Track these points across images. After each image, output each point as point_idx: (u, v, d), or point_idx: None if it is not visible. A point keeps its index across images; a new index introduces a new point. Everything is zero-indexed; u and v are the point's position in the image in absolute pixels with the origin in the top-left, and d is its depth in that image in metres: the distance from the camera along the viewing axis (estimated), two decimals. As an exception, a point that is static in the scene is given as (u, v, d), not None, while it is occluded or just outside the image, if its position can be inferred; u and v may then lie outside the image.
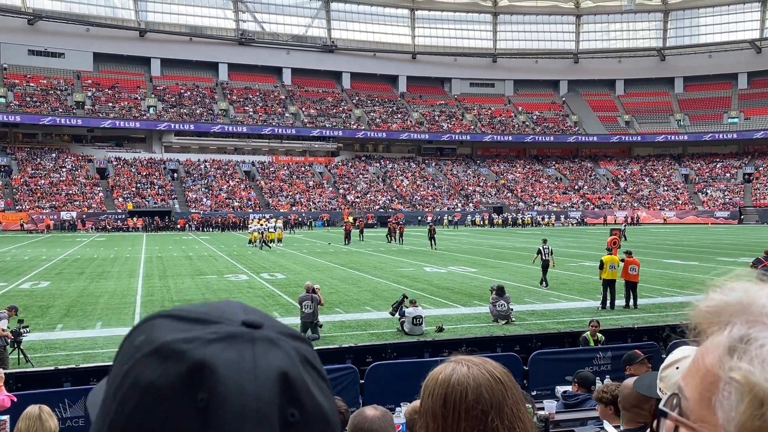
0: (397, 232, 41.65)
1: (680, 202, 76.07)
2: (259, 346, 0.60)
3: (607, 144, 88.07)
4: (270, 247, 36.04)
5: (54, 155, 69.11)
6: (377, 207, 69.43)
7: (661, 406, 0.64)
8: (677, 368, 1.96)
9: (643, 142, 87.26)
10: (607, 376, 8.25)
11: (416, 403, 3.75)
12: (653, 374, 2.19)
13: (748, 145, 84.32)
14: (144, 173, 69.06)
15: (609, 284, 16.73)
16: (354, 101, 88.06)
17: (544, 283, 20.10)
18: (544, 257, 20.14)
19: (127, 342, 0.63)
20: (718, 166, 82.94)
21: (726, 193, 76.11)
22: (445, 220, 65.40)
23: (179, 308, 0.65)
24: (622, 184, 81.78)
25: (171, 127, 73.59)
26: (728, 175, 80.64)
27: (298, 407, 0.59)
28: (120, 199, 62.70)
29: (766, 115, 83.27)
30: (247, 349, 0.59)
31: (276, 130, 77.92)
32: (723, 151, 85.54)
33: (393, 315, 14.35)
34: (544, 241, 20.82)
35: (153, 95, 77.96)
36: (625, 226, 48.27)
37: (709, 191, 77.58)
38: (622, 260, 17.08)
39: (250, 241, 39.17)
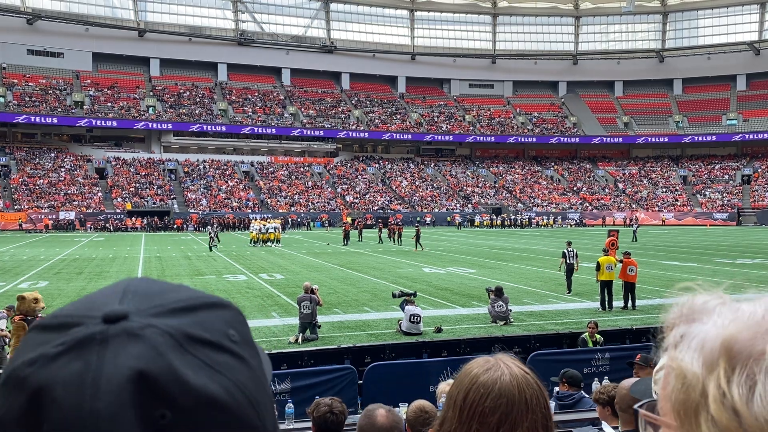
0: (396, 233, 41.70)
1: (679, 203, 76.14)
2: (112, 347, 0.53)
3: (606, 145, 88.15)
4: (216, 246, 35.59)
5: (53, 155, 69.09)
6: (376, 208, 69.47)
7: (636, 406, 0.74)
8: None
9: (641, 144, 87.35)
10: (606, 377, 8.26)
11: (419, 402, 3.76)
12: (648, 379, 2.21)
13: (746, 147, 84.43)
14: (143, 173, 69.05)
15: (606, 285, 16.75)
16: (353, 102, 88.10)
17: (568, 289, 18.98)
18: (569, 261, 18.80)
19: None
20: (716, 167, 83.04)
21: (724, 195, 76.21)
22: (457, 221, 65.56)
23: (52, 314, 0.59)
24: (621, 186, 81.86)
25: (170, 127, 73.60)
26: (727, 176, 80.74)
27: (169, 405, 0.52)
28: (119, 199, 62.69)
29: (765, 117, 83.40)
30: (96, 355, 0.52)
31: (275, 130, 77.94)
32: (721, 153, 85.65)
33: (394, 297, 14.32)
34: (569, 244, 19.45)
35: (152, 95, 77.95)
36: (636, 227, 47.94)
37: (707, 193, 77.67)
38: (621, 261, 17.09)
39: (251, 241, 39.38)
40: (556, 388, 6.90)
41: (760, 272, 23.44)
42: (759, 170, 79.51)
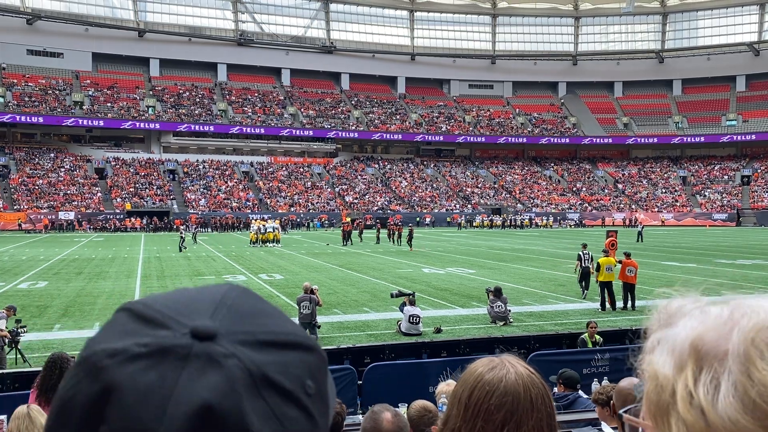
0: (396, 233, 41.70)
1: (678, 204, 76.14)
2: (191, 367, 0.51)
3: (606, 146, 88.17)
4: (187, 243, 36.31)
5: (52, 155, 69.06)
6: (376, 208, 69.46)
7: (621, 411, 0.78)
8: None
9: (641, 144, 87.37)
10: (605, 377, 8.25)
11: (422, 402, 3.75)
12: None
13: (746, 148, 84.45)
14: (142, 173, 69.03)
15: (606, 286, 16.74)
16: (353, 102, 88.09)
17: (584, 293, 18.24)
18: (584, 264, 18.09)
19: None
20: (716, 168, 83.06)
21: (724, 196, 76.22)
22: (458, 221, 65.48)
23: (147, 300, 0.58)
24: (621, 186, 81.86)
25: (169, 128, 73.59)
26: (726, 177, 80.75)
27: None
28: (118, 200, 62.68)
29: (764, 118, 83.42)
30: (172, 371, 0.51)
31: (274, 130, 77.94)
32: (721, 154, 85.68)
33: (392, 297, 14.34)
34: (584, 246, 18.50)
35: (152, 95, 77.94)
36: (642, 227, 47.88)
37: (707, 193, 77.67)
38: (620, 262, 17.07)
39: (251, 242, 39.40)
40: (555, 389, 6.89)
41: (759, 273, 23.45)
42: (758, 171, 79.54)
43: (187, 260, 30.13)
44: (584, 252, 18.18)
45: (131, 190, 64.95)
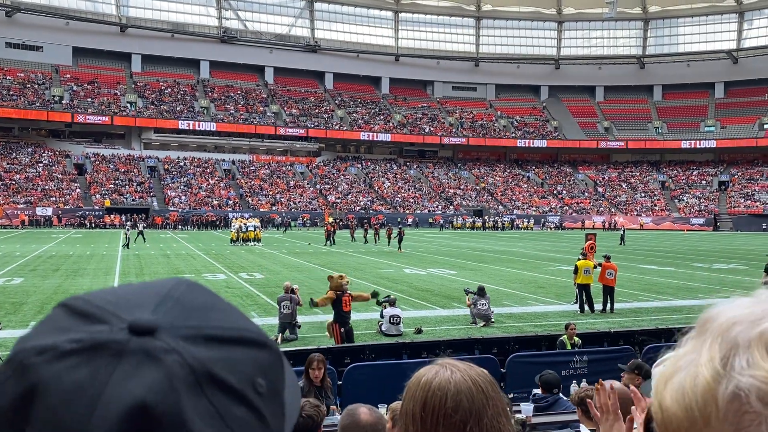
0: (385, 233, 41.68)
1: (657, 208, 77.09)
2: (126, 364, 0.46)
3: (586, 150, 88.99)
4: (133, 241, 36.12)
5: (30, 150, 68.03)
6: (358, 208, 69.39)
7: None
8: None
9: (621, 149, 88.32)
10: (584, 379, 8.32)
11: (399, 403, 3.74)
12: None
13: (723, 154, 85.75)
14: (122, 170, 68.27)
15: (584, 289, 16.85)
16: (336, 102, 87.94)
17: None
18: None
19: None
20: (694, 173, 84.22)
21: (701, 200, 77.31)
22: (456, 222, 65.43)
23: (88, 295, 0.53)
24: (601, 190, 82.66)
25: (150, 124, 72.84)
26: (704, 182, 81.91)
27: None
28: (97, 196, 61.92)
29: (742, 125, 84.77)
30: (105, 368, 0.46)
31: (257, 128, 77.52)
32: (699, 159, 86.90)
33: (378, 303, 14.28)
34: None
35: (133, 91, 77.11)
36: (624, 230, 48.35)
37: (685, 198, 78.72)
38: (600, 265, 17.19)
39: (232, 240, 39.13)
40: (536, 391, 6.93)
41: (735, 277, 23.80)
42: (735, 176, 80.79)
43: (166, 258, 29.87)
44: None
45: (111, 186, 64.20)
